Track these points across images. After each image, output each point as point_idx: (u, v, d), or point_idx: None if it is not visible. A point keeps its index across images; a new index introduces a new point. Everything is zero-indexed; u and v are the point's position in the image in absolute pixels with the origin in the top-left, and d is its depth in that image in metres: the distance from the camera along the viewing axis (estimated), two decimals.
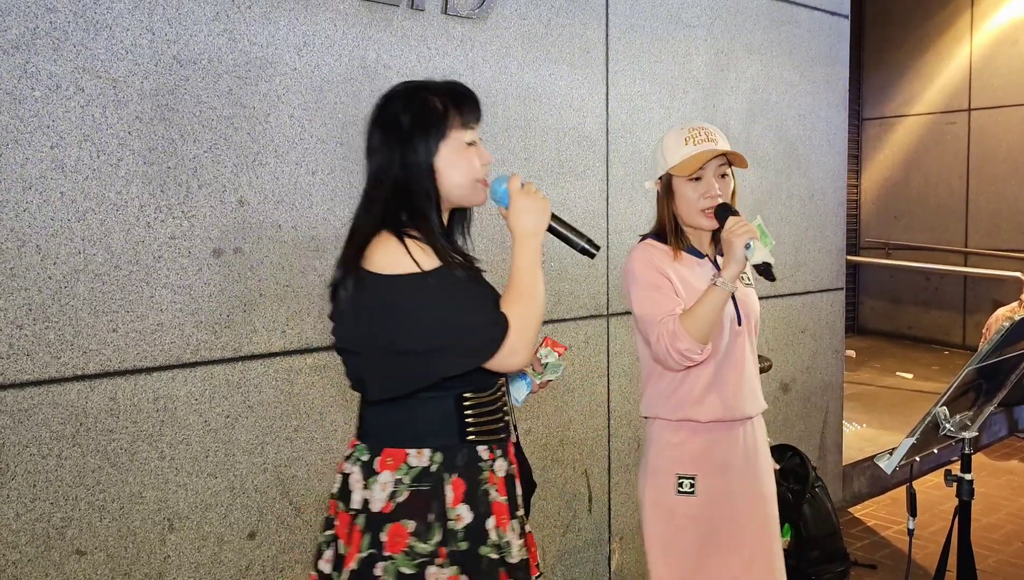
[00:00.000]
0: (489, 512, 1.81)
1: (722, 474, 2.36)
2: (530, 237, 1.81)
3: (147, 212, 2.40)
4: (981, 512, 4.60)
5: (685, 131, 2.35)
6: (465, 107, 1.83)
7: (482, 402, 1.82)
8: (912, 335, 9.17)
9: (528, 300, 1.77)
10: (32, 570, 2.26)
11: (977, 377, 2.32)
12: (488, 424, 1.84)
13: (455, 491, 1.78)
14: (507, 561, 1.82)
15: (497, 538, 1.81)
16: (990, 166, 8.53)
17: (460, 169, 1.81)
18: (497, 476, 1.85)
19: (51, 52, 2.23)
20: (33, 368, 2.25)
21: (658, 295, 2.29)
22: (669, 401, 2.37)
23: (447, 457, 1.78)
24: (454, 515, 1.77)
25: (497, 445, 1.86)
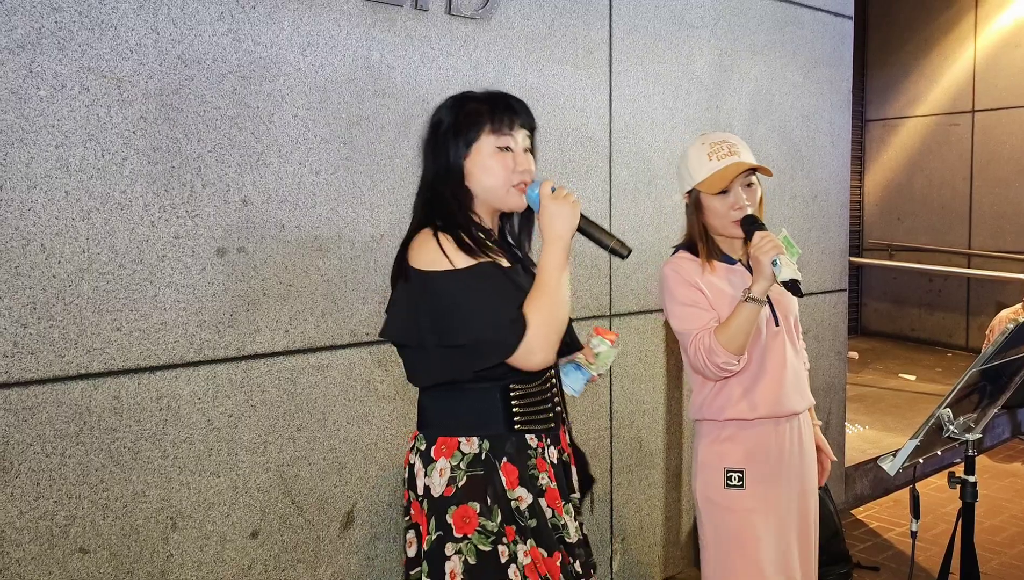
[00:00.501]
0: (542, 495, 1.92)
1: (769, 469, 2.43)
2: (557, 240, 1.87)
3: (151, 211, 2.40)
4: (984, 514, 4.60)
5: (707, 145, 2.40)
6: (499, 112, 1.90)
7: (530, 392, 1.92)
8: (915, 337, 9.16)
9: (549, 301, 1.83)
10: (35, 568, 2.27)
11: (981, 379, 2.32)
12: (536, 414, 1.94)
13: (507, 476, 1.89)
14: (565, 540, 1.94)
15: (551, 518, 1.93)
16: (994, 168, 8.52)
17: (490, 172, 1.90)
18: (547, 462, 1.95)
19: (56, 51, 2.24)
20: (37, 367, 2.25)
21: (694, 311, 2.38)
22: (714, 404, 2.45)
23: (495, 445, 1.89)
24: (515, 496, 1.89)
25: (546, 434, 1.97)
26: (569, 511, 1.98)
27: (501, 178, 1.90)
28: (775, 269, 2.22)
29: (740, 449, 2.42)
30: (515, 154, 1.92)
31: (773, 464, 2.44)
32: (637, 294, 3.62)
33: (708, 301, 2.38)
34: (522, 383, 1.91)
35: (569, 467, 2.06)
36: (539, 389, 1.94)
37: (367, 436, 2.85)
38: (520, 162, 1.92)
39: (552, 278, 1.84)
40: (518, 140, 1.93)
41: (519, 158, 1.92)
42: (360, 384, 2.81)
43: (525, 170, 1.92)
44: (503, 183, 1.90)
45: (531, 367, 1.83)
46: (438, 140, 1.93)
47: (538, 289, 1.84)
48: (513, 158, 1.91)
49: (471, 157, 1.90)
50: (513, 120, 1.92)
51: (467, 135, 1.90)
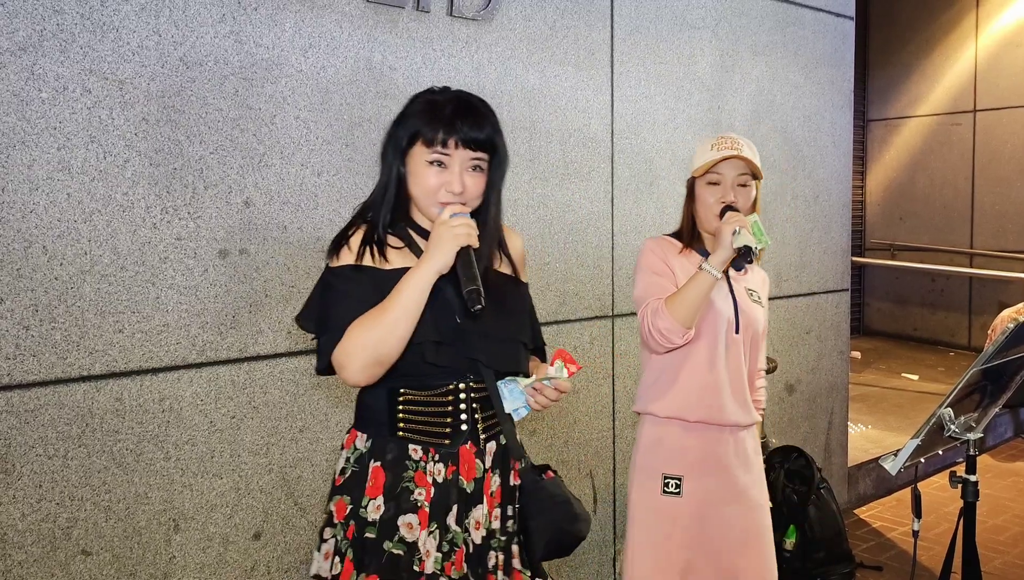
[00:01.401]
0: (406, 511, 1.82)
1: (709, 478, 2.39)
2: (421, 264, 1.77)
3: (153, 213, 2.40)
4: (987, 514, 4.60)
5: (714, 139, 2.44)
6: (434, 125, 1.82)
7: (419, 400, 1.85)
8: (917, 336, 9.15)
9: (375, 324, 1.75)
10: (38, 570, 2.27)
11: (982, 378, 2.32)
12: (426, 424, 1.84)
13: (375, 480, 1.85)
14: (414, 568, 1.81)
15: (409, 537, 1.81)
16: (996, 167, 8.51)
17: (418, 182, 1.85)
18: (428, 479, 1.84)
19: (58, 54, 2.24)
20: (39, 369, 2.25)
21: (657, 280, 2.37)
22: (661, 397, 2.42)
23: (375, 446, 1.87)
24: (372, 506, 1.84)
25: (436, 448, 1.84)
26: (436, 536, 1.82)
27: (426, 190, 1.83)
28: (733, 238, 2.22)
29: (680, 455, 2.38)
30: (449, 170, 1.82)
31: (712, 474, 2.39)
32: None
33: (674, 279, 2.37)
34: (412, 389, 1.84)
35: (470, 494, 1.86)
36: (432, 399, 1.84)
37: None
38: (453, 181, 1.81)
39: (393, 302, 1.75)
40: (455, 158, 1.82)
41: (453, 177, 1.81)
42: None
43: (452, 192, 1.82)
44: (428, 195, 1.83)
45: (346, 381, 1.79)
46: (387, 135, 1.91)
47: (377, 309, 1.76)
48: (447, 174, 1.82)
49: (406, 163, 1.86)
50: (448, 138, 1.81)
51: (402, 141, 1.86)
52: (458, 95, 1.88)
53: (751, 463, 2.46)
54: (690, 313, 2.26)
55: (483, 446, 1.89)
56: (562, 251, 3.33)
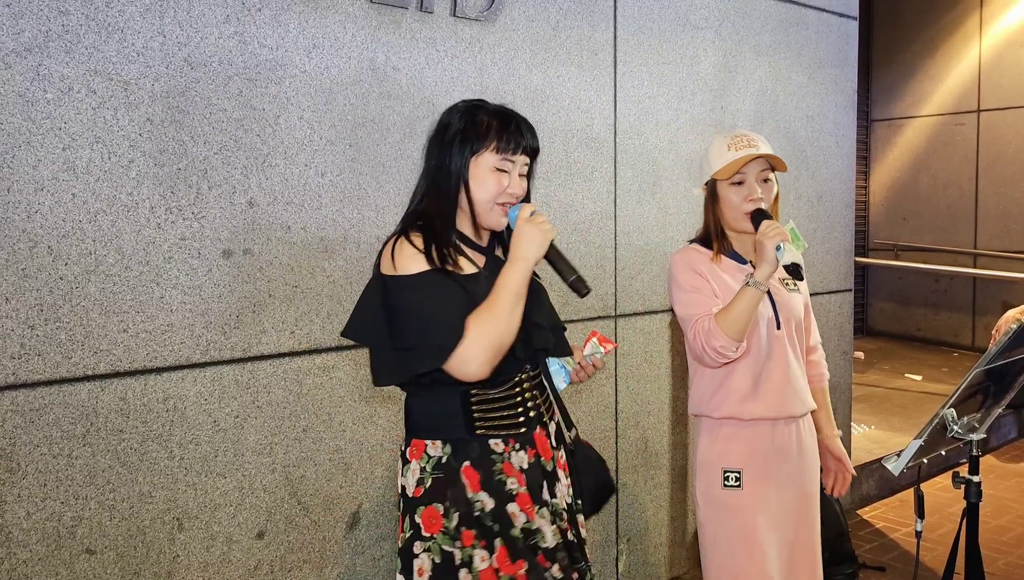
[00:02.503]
0: (511, 500, 1.94)
1: (767, 470, 2.44)
2: (519, 260, 1.90)
3: (157, 213, 2.41)
4: (990, 514, 4.59)
5: (729, 138, 2.44)
6: (509, 132, 1.94)
7: (490, 398, 1.94)
8: (921, 337, 9.14)
9: (493, 317, 1.85)
10: (42, 569, 2.28)
11: (985, 379, 2.32)
12: (500, 419, 1.95)
13: (469, 479, 1.92)
14: (540, 545, 1.96)
15: (523, 523, 1.94)
16: (999, 167, 8.50)
17: (483, 186, 1.95)
18: (515, 467, 1.96)
19: (63, 55, 2.25)
20: (44, 368, 2.26)
21: (697, 296, 2.40)
22: (712, 400, 2.47)
23: (456, 448, 1.94)
24: (477, 499, 1.92)
25: (515, 438, 1.97)
26: (544, 515, 1.98)
27: (491, 194, 1.94)
28: (778, 253, 2.25)
29: (738, 449, 2.43)
30: (510, 176, 1.96)
31: (770, 465, 2.44)
32: (642, 295, 3.62)
33: (712, 289, 2.39)
34: (483, 388, 1.93)
35: (553, 472, 2.04)
36: (503, 394, 1.96)
37: (373, 437, 2.85)
38: (512, 185, 1.96)
39: (502, 296, 1.87)
40: (517, 164, 1.97)
41: (513, 181, 1.96)
42: (366, 385, 2.82)
43: (514, 194, 1.97)
44: (490, 199, 1.95)
45: (466, 377, 1.86)
46: (444, 141, 1.96)
47: (486, 304, 1.86)
48: (508, 179, 1.95)
49: (470, 168, 1.94)
50: (519, 144, 1.96)
51: (473, 144, 1.94)
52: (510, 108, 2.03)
53: (806, 452, 2.52)
54: (741, 328, 2.29)
55: (546, 427, 2.05)
56: (565, 251, 3.32)
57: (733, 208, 2.41)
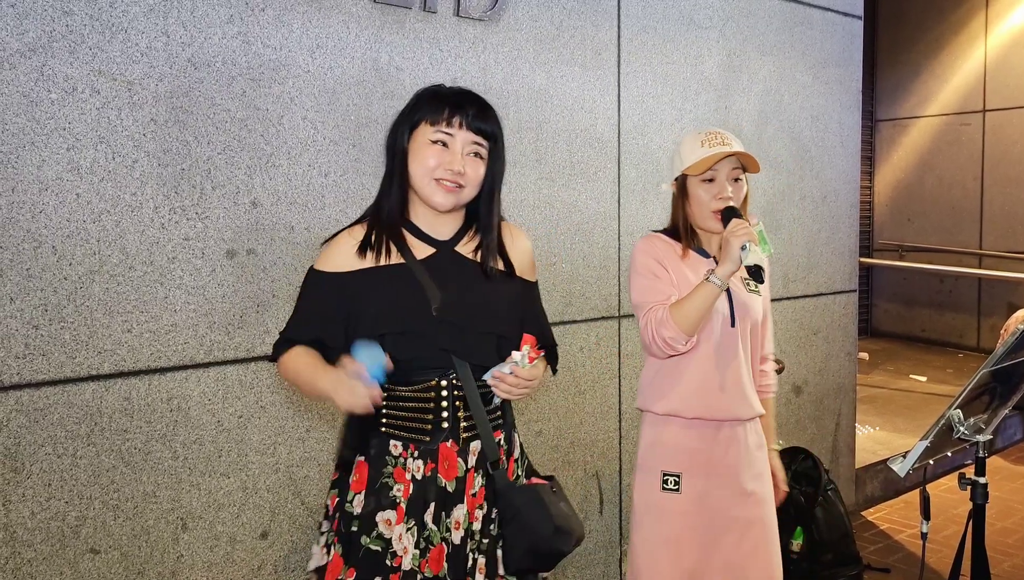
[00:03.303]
0: (384, 507, 1.85)
1: (708, 474, 2.39)
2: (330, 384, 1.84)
3: (161, 213, 2.41)
4: (996, 516, 4.57)
5: (702, 134, 2.40)
6: (441, 103, 1.88)
7: (402, 395, 1.88)
8: (926, 337, 9.12)
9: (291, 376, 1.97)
10: (47, 568, 2.28)
11: (991, 380, 2.31)
12: (405, 420, 1.87)
13: (359, 474, 1.89)
14: (392, 564, 1.83)
15: (387, 533, 1.84)
16: (1005, 167, 8.48)
17: (418, 160, 1.89)
18: (407, 475, 1.86)
19: (67, 55, 2.25)
20: (49, 368, 2.26)
21: (654, 284, 2.36)
22: (657, 393, 2.42)
23: (361, 440, 1.91)
24: (356, 500, 1.88)
25: (416, 445, 1.86)
26: (413, 534, 1.83)
27: (427, 167, 1.86)
28: (743, 253, 2.21)
29: (678, 452, 2.39)
30: (451, 151, 1.87)
31: (711, 469, 2.39)
32: None
33: (671, 280, 2.36)
34: (396, 384, 1.87)
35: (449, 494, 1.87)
36: (413, 394, 1.87)
37: None
38: (453, 161, 1.86)
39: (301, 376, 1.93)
40: (458, 139, 1.87)
41: (455, 158, 1.86)
42: None
43: (454, 172, 1.86)
44: (425, 173, 1.87)
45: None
46: (393, 123, 1.96)
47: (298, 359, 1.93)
48: (449, 155, 1.86)
49: (410, 144, 1.91)
50: (454, 116, 1.87)
51: (412, 119, 1.91)
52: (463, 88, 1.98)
53: (753, 458, 2.44)
54: (694, 322, 2.26)
55: (466, 445, 1.89)
56: (568, 252, 3.33)
57: (702, 205, 2.37)
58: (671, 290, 2.35)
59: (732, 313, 2.39)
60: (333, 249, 1.94)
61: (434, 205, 1.90)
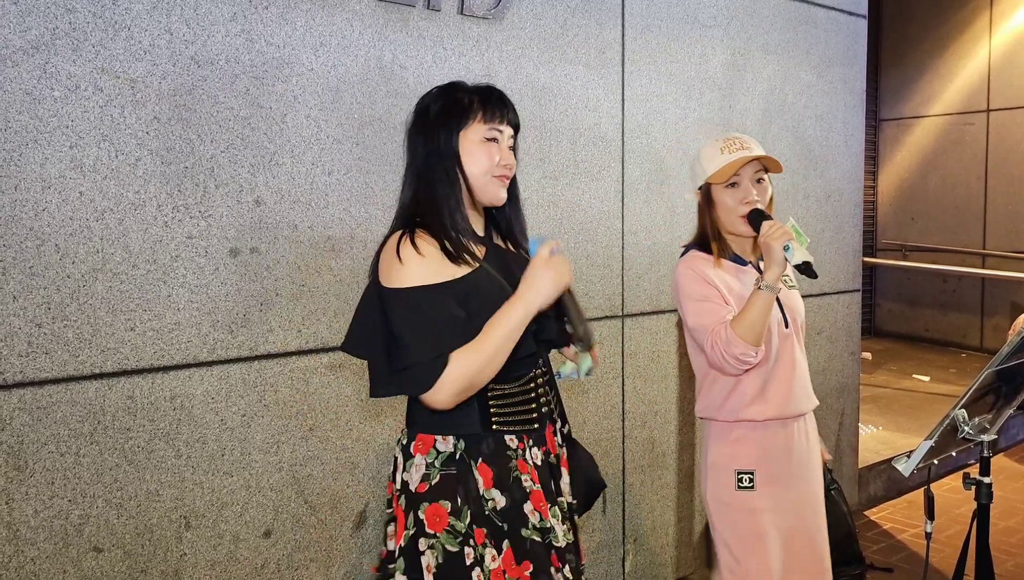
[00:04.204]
0: (525, 498, 1.90)
1: (779, 469, 2.45)
2: (524, 303, 1.84)
3: (164, 211, 2.41)
4: (1000, 516, 4.57)
5: (720, 141, 2.43)
6: (490, 103, 1.91)
7: (508, 393, 1.91)
8: (929, 337, 9.11)
9: (479, 357, 1.81)
10: (50, 567, 2.28)
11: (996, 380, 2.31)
12: (515, 414, 1.92)
13: (482, 476, 1.88)
14: (554, 544, 1.91)
15: (538, 522, 1.90)
16: (1009, 167, 8.47)
17: (475, 160, 1.90)
18: (529, 464, 1.93)
19: (70, 52, 2.25)
20: (51, 366, 2.26)
21: (708, 305, 2.37)
22: (724, 406, 2.46)
23: (470, 444, 1.89)
24: (489, 498, 1.87)
25: (528, 434, 1.94)
26: (556, 514, 1.94)
27: (484, 166, 1.90)
28: (787, 254, 2.23)
29: (750, 450, 2.43)
30: (500, 147, 1.92)
31: (783, 464, 2.45)
32: (649, 295, 3.61)
33: (722, 296, 2.38)
34: (500, 383, 1.89)
35: (558, 468, 2.02)
36: (518, 389, 1.93)
37: (379, 435, 2.85)
38: (505, 156, 1.92)
39: (495, 337, 1.82)
40: (505, 135, 1.94)
41: (504, 152, 1.93)
42: None
43: (508, 165, 1.93)
44: (485, 171, 1.90)
45: (431, 406, 1.82)
46: (427, 126, 1.91)
47: (479, 339, 1.82)
48: (499, 150, 1.92)
49: (460, 143, 1.90)
50: (503, 113, 1.93)
51: (459, 120, 1.90)
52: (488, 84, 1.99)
53: (812, 449, 2.54)
54: (759, 333, 2.28)
55: (556, 424, 2.04)
56: (572, 250, 3.33)
57: (728, 211, 2.40)
58: (725, 307, 2.36)
59: (784, 315, 2.44)
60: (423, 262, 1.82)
61: (493, 200, 1.95)
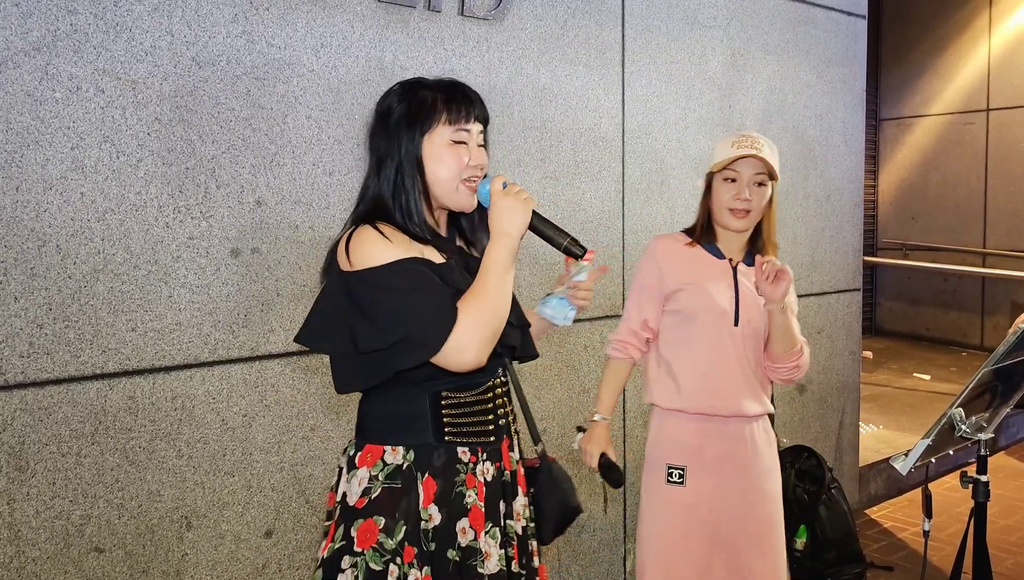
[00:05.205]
0: (463, 513, 1.77)
1: (713, 469, 2.41)
2: (503, 236, 1.74)
3: (166, 212, 2.42)
4: (998, 514, 4.57)
5: (735, 136, 2.47)
6: (454, 103, 1.78)
7: (464, 402, 1.79)
8: (929, 336, 9.11)
9: (484, 299, 1.70)
10: (51, 567, 2.28)
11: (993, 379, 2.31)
12: (470, 425, 1.80)
13: (426, 491, 1.75)
14: (478, 570, 1.76)
15: (467, 542, 1.76)
16: (1009, 166, 8.47)
17: (443, 163, 1.77)
18: (478, 480, 1.80)
19: (72, 54, 2.25)
20: (53, 367, 2.27)
21: (640, 293, 2.51)
22: (663, 389, 2.47)
23: (420, 456, 1.76)
24: (426, 515, 1.74)
25: (483, 447, 1.81)
26: (495, 536, 1.80)
27: (453, 171, 1.77)
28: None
29: (683, 445, 2.42)
30: (469, 148, 1.79)
31: (718, 463, 2.41)
32: None
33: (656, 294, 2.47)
34: (456, 391, 1.78)
35: (512, 487, 1.88)
36: (475, 398, 1.80)
37: None
38: (474, 156, 1.79)
39: (492, 275, 1.71)
40: (473, 133, 1.80)
41: (473, 152, 1.79)
42: None
43: (478, 165, 1.80)
44: (454, 176, 1.78)
45: (462, 367, 1.68)
46: (390, 128, 1.79)
47: (476, 286, 1.71)
48: (467, 151, 1.79)
49: (424, 147, 1.77)
50: (469, 111, 1.79)
51: (423, 122, 1.77)
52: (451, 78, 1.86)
53: (761, 454, 2.46)
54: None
55: (511, 435, 1.90)
56: None
57: (721, 202, 2.42)
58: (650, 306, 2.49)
59: (737, 313, 2.41)
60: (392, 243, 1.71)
61: (460, 208, 1.82)
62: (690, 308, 2.41)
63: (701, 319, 2.40)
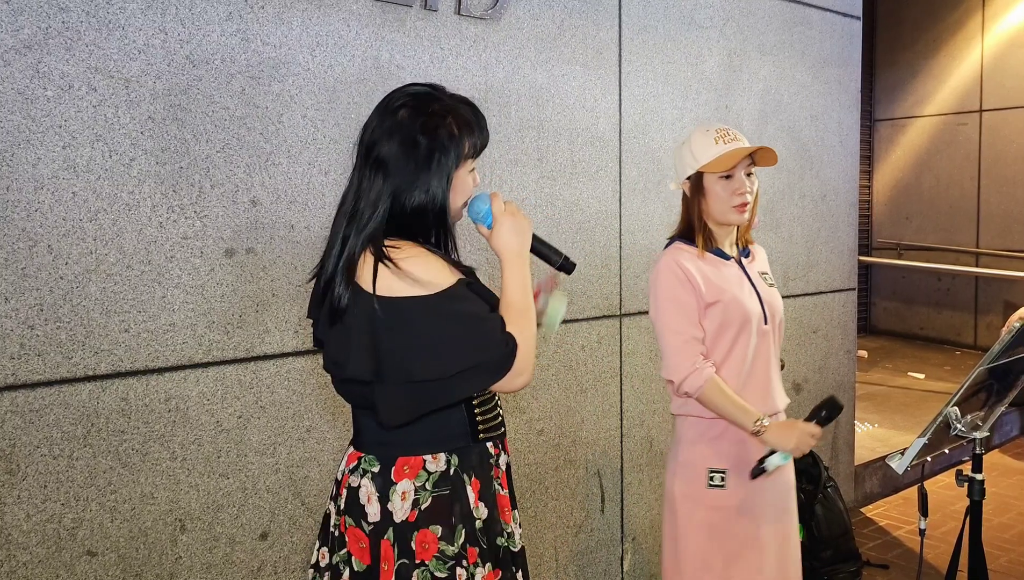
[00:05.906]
0: (493, 505, 1.85)
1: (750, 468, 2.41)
2: (517, 257, 1.79)
3: (159, 212, 2.40)
4: (992, 512, 4.59)
5: (712, 131, 2.41)
6: (480, 142, 1.80)
7: (485, 400, 1.86)
8: (924, 335, 9.13)
9: (527, 321, 1.75)
10: (43, 571, 2.26)
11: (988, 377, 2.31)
12: (492, 419, 1.88)
13: (474, 491, 1.80)
14: (511, 550, 1.88)
15: (504, 528, 1.87)
16: (1002, 167, 8.49)
17: (459, 194, 1.80)
18: (501, 469, 1.90)
19: (63, 52, 2.23)
20: (44, 368, 2.25)
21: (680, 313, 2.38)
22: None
23: (463, 458, 1.80)
24: (478, 514, 1.80)
25: (499, 440, 1.91)
26: (516, 518, 1.92)
27: (464, 198, 1.82)
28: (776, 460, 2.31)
29: (723, 448, 2.41)
30: (474, 173, 1.84)
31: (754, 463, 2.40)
32: (647, 294, 3.61)
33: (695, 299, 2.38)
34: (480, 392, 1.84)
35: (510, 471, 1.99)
36: (490, 395, 1.87)
37: None
38: (476, 179, 1.84)
39: (522, 296, 1.77)
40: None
41: (475, 175, 1.84)
42: None
43: (477, 184, 1.85)
44: (463, 201, 1.82)
45: (514, 389, 1.75)
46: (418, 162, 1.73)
47: (512, 309, 1.75)
48: (475, 177, 1.84)
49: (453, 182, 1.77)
50: (487, 143, 1.83)
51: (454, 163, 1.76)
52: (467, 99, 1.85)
53: None
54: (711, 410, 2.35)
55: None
56: (569, 250, 3.30)
57: (721, 201, 2.38)
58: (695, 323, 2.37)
59: (764, 312, 2.43)
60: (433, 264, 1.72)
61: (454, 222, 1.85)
62: (727, 320, 2.38)
63: (738, 327, 2.38)
